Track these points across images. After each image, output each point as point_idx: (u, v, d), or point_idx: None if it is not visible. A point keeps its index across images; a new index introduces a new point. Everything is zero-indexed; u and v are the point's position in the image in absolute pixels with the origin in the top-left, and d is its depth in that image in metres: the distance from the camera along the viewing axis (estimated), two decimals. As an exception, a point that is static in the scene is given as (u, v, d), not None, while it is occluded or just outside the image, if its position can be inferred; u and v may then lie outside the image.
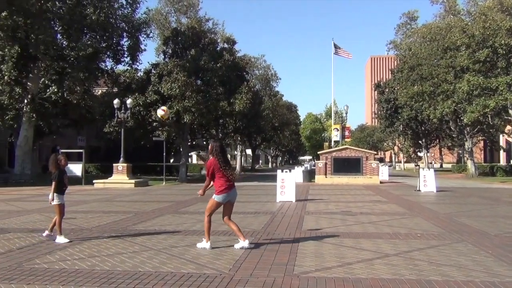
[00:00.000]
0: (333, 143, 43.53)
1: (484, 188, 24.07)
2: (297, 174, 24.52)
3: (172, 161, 52.66)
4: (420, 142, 54.44)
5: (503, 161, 55.79)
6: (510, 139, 49.86)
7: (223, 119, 37.32)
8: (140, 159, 40.79)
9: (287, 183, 15.80)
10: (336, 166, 29.17)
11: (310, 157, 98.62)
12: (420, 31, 36.72)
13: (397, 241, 7.97)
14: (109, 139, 36.27)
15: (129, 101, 26.91)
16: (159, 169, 37.12)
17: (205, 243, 7.27)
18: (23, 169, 29.04)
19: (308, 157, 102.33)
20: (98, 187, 24.52)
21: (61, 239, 7.87)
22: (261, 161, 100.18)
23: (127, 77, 32.39)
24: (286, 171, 16.28)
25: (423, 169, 21.78)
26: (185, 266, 6.09)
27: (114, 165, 26.51)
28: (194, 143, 48.15)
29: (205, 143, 63.28)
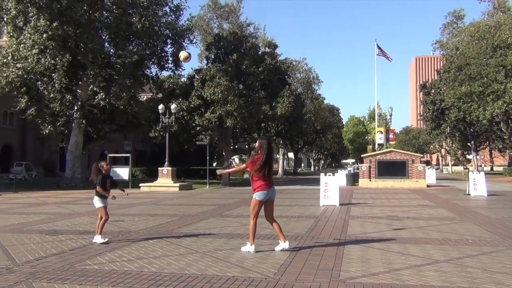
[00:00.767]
0: (377, 146, 42.69)
1: (539, 192, 22.90)
2: (340, 177, 24.21)
3: (215, 164, 53.27)
4: (468, 144, 52.60)
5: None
6: None
7: (265, 123, 37.45)
8: (184, 163, 41.52)
9: (331, 186, 15.60)
10: (380, 169, 28.60)
11: (353, 160, 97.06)
12: (467, 30, 35.56)
13: (447, 247, 7.70)
14: (154, 144, 37.21)
15: (173, 106, 27.46)
16: (202, 173, 37.66)
17: (250, 247, 7.23)
18: (74, 173, 30.16)
19: (351, 160, 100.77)
20: (144, 191, 25.12)
21: (98, 239, 8.14)
22: (303, 165, 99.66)
23: (171, 83, 33.15)
24: (329, 175, 16.09)
25: (473, 172, 20.98)
26: (230, 269, 6.13)
27: (159, 169, 27.08)
28: (236, 146, 48.48)
29: (247, 146, 63.73)
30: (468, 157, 63.60)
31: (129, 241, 8.38)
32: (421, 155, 39.69)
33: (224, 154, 37.33)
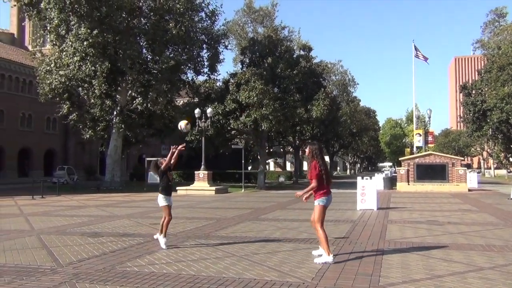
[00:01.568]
0: (415, 149, 41.79)
1: None
2: (377, 181, 23.78)
3: (250, 168, 53.46)
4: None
5: None
6: None
7: (300, 126, 37.27)
8: (219, 167, 41.82)
9: (368, 190, 15.36)
10: (419, 173, 27.95)
11: (390, 164, 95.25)
12: (510, 28, 34.30)
13: (492, 254, 7.43)
14: (191, 147, 37.61)
15: (209, 110, 27.75)
16: (237, 176, 37.82)
17: (327, 257, 6.74)
18: (113, 177, 30.89)
19: (388, 164, 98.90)
20: (181, 194, 25.46)
21: (162, 241, 8.14)
22: (338, 168, 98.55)
23: (207, 87, 33.49)
24: (366, 178, 15.85)
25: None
26: (268, 273, 6.11)
27: (195, 172, 27.39)
28: (271, 150, 48.48)
29: (282, 150, 63.62)
30: (511, 160, 61.22)
31: (168, 244, 8.47)
32: (462, 158, 38.49)
33: (259, 157, 37.39)
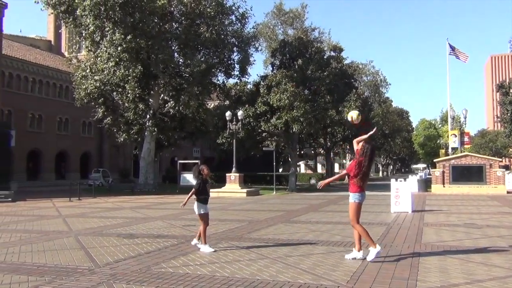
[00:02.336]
0: (450, 150, 40.71)
1: None
2: (412, 183, 23.31)
3: (281, 170, 53.35)
4: (554, 147, 48.66)
5: None
6: None
7: (332, 128, 36.96)
8: (250, 169, 41.92)
9: (402, 192, 15.07)
10: (455, 174, 27.25)
11: (424, 165, 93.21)
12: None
13: (535, 258, 7.16)
14: (222, 150, 37.89)
15: (240, 113, 27.87)
16: (268, 179, 37.84)
17: (374, 249, 6.89)
18: (147, 179, 31.42)
19: (422, 165, 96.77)
20: (212, 196, 25.48)
21: (206, 248, 7.95)
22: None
23: (238, 90, 33.66)
24: (400, 180, 15.58)
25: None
26: (302, 276, 6.08)
27: (227, 174, 27.52)
28: (302, 152, 48.22)
29: (313, 152, 63.23)
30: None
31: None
32: (500, 159, 37.32)
33: (290, 159, 37.28)
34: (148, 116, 30.91)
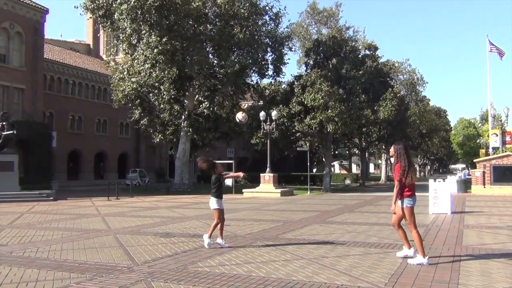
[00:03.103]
0: (491, 150, 39.40)
1: None
2: (451, 184, 22.69)
3: (315, 170, 53.02)
4: None
5: None
6: None
7: (367, 128, 36.47)
8: (284, 169, 41.88)
9: (441, 193, 14.68)
10: (496, 175, 26.35)
11: (463, 166, 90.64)
12: None
13: None
14: (256, 150, 37.97)
15: (274, 113, 27.85)
16: (302, 179, 37.66)
17: (422, 259, 6.71)
18: (182, 179, 31.85)
19: (461, 166, 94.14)
20: (247, 196, 25.74)
21: (205, 239, 8.30)
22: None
23: (272, 90, 33.65)
24: (439, 181, 15.19)
25: None
26: (338, 277, 6.01)
27: (261, 175, 27.56)
28: (337, 152, 47.75)
29: (347, 152, 62.53)
30: None
31: (236, 245, 8.60)
32: (545, 159, 35.80)
33: (324, 159, 36.99)
34: (183, 117, 31.32)
